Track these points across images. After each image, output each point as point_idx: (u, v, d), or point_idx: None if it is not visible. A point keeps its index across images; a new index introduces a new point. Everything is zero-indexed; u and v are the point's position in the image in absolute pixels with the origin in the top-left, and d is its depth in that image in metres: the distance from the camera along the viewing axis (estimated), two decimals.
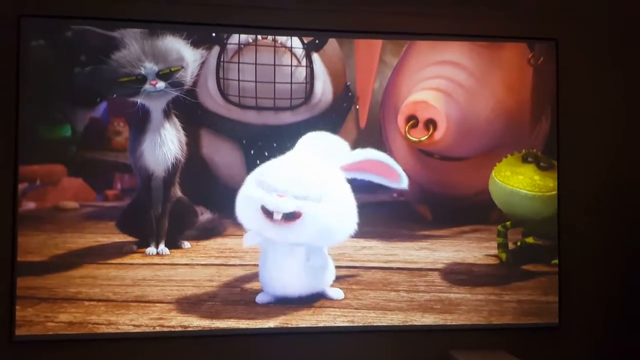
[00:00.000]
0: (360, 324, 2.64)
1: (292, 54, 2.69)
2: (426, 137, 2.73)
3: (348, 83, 2.78)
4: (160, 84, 2.57)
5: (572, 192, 2.85)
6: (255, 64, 2.67)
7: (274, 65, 2.68)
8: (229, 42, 2.68)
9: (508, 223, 2.81)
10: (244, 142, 2.72)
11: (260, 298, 2.61)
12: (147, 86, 2.56)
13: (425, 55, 2.80)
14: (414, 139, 2.74)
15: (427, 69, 2.78)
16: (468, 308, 2.74)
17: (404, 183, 2.58)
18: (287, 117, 2.71)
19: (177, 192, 2.68)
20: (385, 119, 2.81)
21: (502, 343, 2.77)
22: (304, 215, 2.44)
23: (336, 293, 2.66)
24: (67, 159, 2.60)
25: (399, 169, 2.57)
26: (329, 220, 2.49)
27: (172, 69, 2.59)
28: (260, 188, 2.47)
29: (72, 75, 2.57)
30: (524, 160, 2.78)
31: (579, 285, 2.86)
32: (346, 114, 2.78)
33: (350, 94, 2.78)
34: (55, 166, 2.59)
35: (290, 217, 2.45)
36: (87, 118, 2.62)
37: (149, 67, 2.56)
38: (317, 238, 2.51)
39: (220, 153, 2.71)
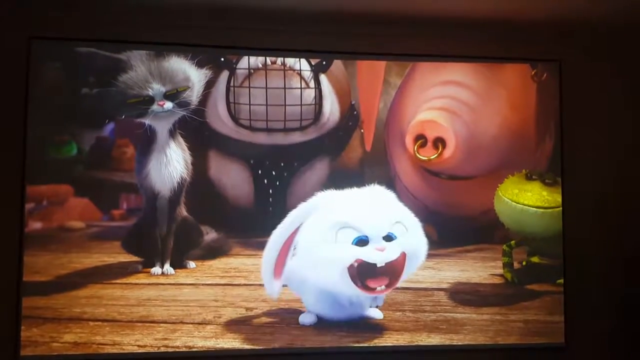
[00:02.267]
0: (366, 344, 2.62)
1: (301, 77, 2.73)
2: (435, 155, 2.74)
3: (353, 102, 2.81)
4: (168, 104, 2.60)
5: (577, 210, 2.85)
6: (266, 87, 2.71)
7: (284, 88, 2.71)
8: (238, 67, 2.71)
9: (513, 242, 2.82)
10: (252, 162, 2.74)
11: (304, 319, 2.60)
12: (154, 107, 2.59)
13: (429, 76, 2.83)
14: (424, 158, 2.75)
15: (432, 89, 2.81)
16: (474, 328, 2.73)
17: None
18: (296, 138, 2.74)
19: (183, 211, 2.69)
20: (389, 139, 2.83)
21: None
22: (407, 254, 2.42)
23: (376, 313, 2.66)
24: (74, 179, 2.61)
25: None
26: (420, 246, 2.50)
27: (179, 89, 2.62)
28: (352, 244, 2.37)
29: (81, 96, 2.60)
30: (528, 178, 2.79)
31: (585, 305, 2.85)
32: (352, 133, 2.80)
33: (355, 112, 2.81)
34: (62, 186, 2.61)
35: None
36: (94, 138, 2.64)
37: (156, 88, 2.59)
38: (410, 271, 2.52)
39: (228, 173, 2.73)
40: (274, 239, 2.43)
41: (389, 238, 2.40)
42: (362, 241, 2.38)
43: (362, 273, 2.39)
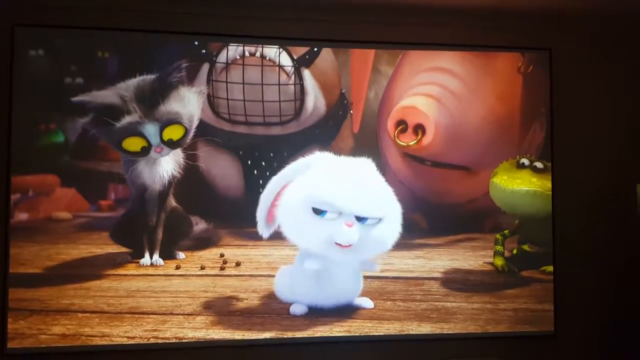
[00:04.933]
0: (357, 334, 2.62)
1: (282, 70, 2.69)
2: (414, 141, 2.75)
3: (343, 90, 2.79)
4: (166, 150, 2.57)
5: (567, 199, 2.87)
6: (243, 83, 2.67)
7: (262, 84, 2.68)
8: (217, 60, 2.67)
9: (506, 232, 2.83)
10: (241, 153, 2.71)
11: (295, 309, 2.60)
12: (152, 153, 2.56)
13: (418, 62, 2.82)
14: (402, 143, 2.76)
15: (420, 75, 2.81)
16: (464, 317, 2.74)
17: None
18: (277, 130, 2.72)
19: (172, 202, 2.67)
20: (380, 127, 2.82)
21: (498, 351, 2.77)
22: (371, 234, 2.46)
23: (367, 302, 2.67)
24: (60, 169, 2.58)
25: None
26: (389, 236, 2.52)
27: (176, 139, 2.57)
28: (317, 213, 2.42)
29: (65, 86, 2.55)
30: (519, 166, 2.80)
31: (575, 293, 2.87)
32: (342, 121, 2.79)
33: (345, 101, 2.79)
34: (48, 176, 2.57)
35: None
36: (80, 127, 2.59)
37: (153, 135, 2.52)
38: (375, 252, 2.56)
39: (217, 164, 2.71)
40: (270, 186, 2.50)
41: (360, 218, 2.44)
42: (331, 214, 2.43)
43: None
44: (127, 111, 2.51)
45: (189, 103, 2.59)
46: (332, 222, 2.41)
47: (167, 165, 2.61)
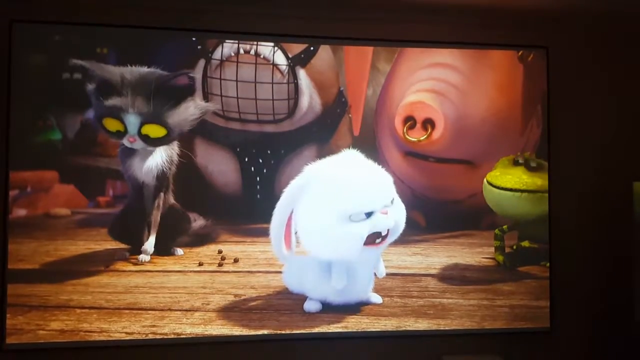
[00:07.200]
0: (354, 330, 2.63)
1: (276, 68, 2.69)
2: (425, 136, 2.75)
3: (342, 88, 2.79)
4: (139, 143, 2.55)
5: (563, 196, 2.88)
6: (237, 80, 2.67)
7: (255, 82, 2.67)
8: (213, 57, 2.67)
9: (505, 227, 2.84)
10: (238, 149, 2.72)
11: (310, 306, 2.61)
12: (125, 140, 2.54)
13: (416, 59, 2.82)
14: (413, 139, 2.76)
15: (419, 72, 2.81)
16: (461, 313, 2.75)
17: None
18: (271, 128, 2.72)
19: (170, 199, 2.67)
20: (378, 125, 2.82)
21: (494, 348, 2.79)
22: (397, 212, 2.49)
23: (376, 298, 2.69)
24: (59, 166, 2.58)
25: None
26: (403, 216, 2.54)
27: (153, 137, 2.55)
28: (354, 220, 2.40)
29: (63, 81, 2.55)
30: (515, 163, 2.82)
31: (571, 290, 2.88)
32: (340, 120, 2.79)
33: (343, 99, 2.79)
34: (47, 172, 2.57)
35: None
36: (79, 121, 2.59)
37: (132, 124, 2.52)
38: (402, 228, 2.55)
39: (214, 160, 2.71)
40: (277, 217, 2.46)
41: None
42: (369, 214, 2.42)
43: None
44: (118, 93, 2.50)
45: (184, 111, 2.58)
46: (367, 220, 2.40)
47: (158, 158, 2.61)
